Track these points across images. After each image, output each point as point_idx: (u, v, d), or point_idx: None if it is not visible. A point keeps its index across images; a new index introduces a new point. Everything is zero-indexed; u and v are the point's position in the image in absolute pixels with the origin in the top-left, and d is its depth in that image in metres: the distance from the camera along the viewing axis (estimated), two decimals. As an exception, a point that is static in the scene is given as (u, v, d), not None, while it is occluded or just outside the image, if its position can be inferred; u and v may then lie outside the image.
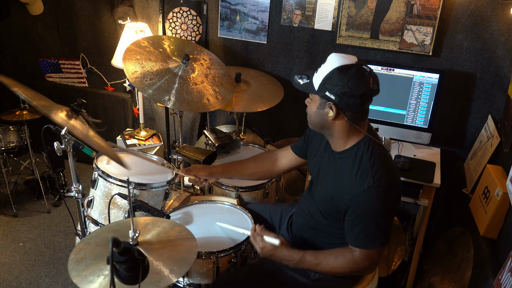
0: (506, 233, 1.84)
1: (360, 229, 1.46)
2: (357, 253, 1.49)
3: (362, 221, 1.45)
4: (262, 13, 2.79)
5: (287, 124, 3.04)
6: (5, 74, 3.57)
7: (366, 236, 1.46)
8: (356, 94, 1.39)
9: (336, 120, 1.47)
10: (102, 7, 3.14)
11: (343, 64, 1.40)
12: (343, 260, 1.50)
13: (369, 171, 1.43)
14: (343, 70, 1.39)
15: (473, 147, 2.52)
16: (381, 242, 1.46)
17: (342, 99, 1.40)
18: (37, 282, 2.45)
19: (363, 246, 1.47)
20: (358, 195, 1.43)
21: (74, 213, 2.26)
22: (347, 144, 1.51)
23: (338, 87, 1.39)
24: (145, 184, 1.86)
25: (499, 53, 2.38)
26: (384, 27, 2.55)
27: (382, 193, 1.42)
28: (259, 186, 2.14)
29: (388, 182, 1.43)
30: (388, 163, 1.49)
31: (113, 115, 3.41)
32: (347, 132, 1.49)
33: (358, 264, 1.49)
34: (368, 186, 1.41)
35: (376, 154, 1.47)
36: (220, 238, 1.81)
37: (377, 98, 2.51)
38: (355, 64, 1.41)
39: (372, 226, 1.44)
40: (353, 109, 1.43)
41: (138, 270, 1.15)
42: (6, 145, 2.86)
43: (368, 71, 1.42)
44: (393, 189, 1.45)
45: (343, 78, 1.39)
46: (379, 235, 1.45)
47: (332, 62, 1.42)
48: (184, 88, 2.21)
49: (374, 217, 1.43)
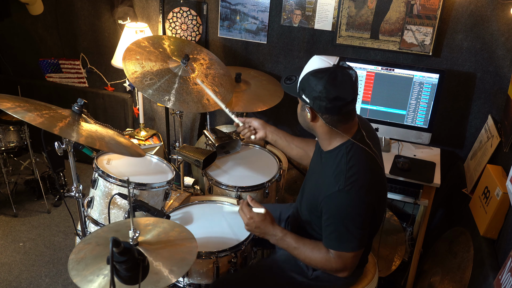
0: (506, 233, 1.84)
1: (331, 230, 1.47)
2: (332, 254, 1.49)
3: (332, 222, 1.46)
4: (262, 13, 2.79)
5: (287, 124, 3.04)
6: (5, 74, 3.58)
7: (336, 238, 1.47)
8: (328, 98, 1.39)
9: (315, 122, 1.50)
10: (102, 7, 3.14)
11: (318, 67, 1.42)
12: (318, 254, 1.52)
13: (344, 174, 1.43)
14: (316, 74, 1.41)
15: (473, 147, 2.52)
16: (353, 246, 1.45)
17: (315, 102, 1.42)
18: (37, 282, 2.45)
19: (334, 248, 1.48)
20: (329, 196, 1.44)
21: (74, 213, 2.26)
22: (332, 145, 1.52)
23: (311, 91, 1.42)
24: (145, 184, 1.86)
25: (499, 53, 2.38)
26: (384, 27, 2.55)
27: (352, 197, 1.41)
28: (259, 186, 2.14)
29: (361, 187, 1.41)
30: (367, 167, 1.47)
31: (113, 115, 3.41)
32: (329, 134, 1.50)
33: (331, 264, 1.50)
34: (338, 188, 1.41)
35: (356, 159, 1.46)
36: (220, 238, 1.81)
37: (377, 98, 2.52)
38: (330, 68, 1.41)
39: (342, 229, 1.44)
40: (328, 112, 1.43)
41: (138, 270, 1.15)
42: (6, 145, 2.86)
43: (348, 73, 1.42)
44: (367, 193, 1.43)
45: (315, 82, 1.40)
46: (350, 239, 1.44)
47: (310, 65, 1.45)
48: (184, 88, 2.21)
49: (344, 220, 1.43)
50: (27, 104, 1.67)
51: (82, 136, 1.64)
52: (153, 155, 2.16)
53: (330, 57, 1.45)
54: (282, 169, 2.29)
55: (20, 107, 1.62)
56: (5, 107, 1.57)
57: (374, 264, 1.82)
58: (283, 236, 1.58)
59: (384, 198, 1.60)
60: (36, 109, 1.65)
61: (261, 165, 2.33)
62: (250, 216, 1.61)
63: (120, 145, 1.80)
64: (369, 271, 1.78)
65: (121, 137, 1.89)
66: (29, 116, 1.58)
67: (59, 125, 1.63)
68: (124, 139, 1.90)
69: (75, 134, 1.64)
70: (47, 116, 1.64)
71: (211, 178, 2.18)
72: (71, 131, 1.65)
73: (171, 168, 2.09)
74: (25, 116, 1.57)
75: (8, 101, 1.63)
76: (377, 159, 1.54)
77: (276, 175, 2.23)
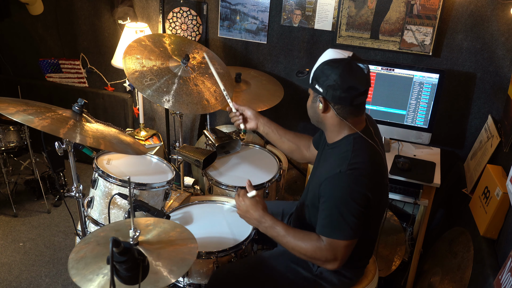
0: (506, 233, 1.84)
1: (325, 215, 1.46)
2: (323, 242, 1.47)
3: (327, 206, 1.45)
4: (262, 13, 2.79)
5: (287, 124, 3.03)
6: (5, 74, 3.58)
7: (329, 224, 1.45)
8: (342, 87, 1.41)
9: (326, 114, 1.51)
10: (102, 7, 3.14)
11: (334, 58, 1.44)
12: (309, 242, 1.49)
13: (348, 159, 1.44)
14: (331, 63, 1.44)
15: (473, 147, 2.52)
16: (345, 234, 1.43)
17: (328, 91, 1.44)
18: (37, 282, 2.45)
19: (326, 234, 1.46)
20: (330, 178, 1.44)
21: (74, 213, 2.27)
22: (338, 137, 1.53)
23: (325, 79, 1.43)
24: (145, 184, 1.86)
25: (499, 53, 2.38)
26: (384, 27, 2.55)
27: (351, 180, 1.41)
28: (259, 186, 2.14)
29: (362, 174, 1.42)
30: (372, 160, 1.48)
31: (113, 115, 3.41)
32: (338, 126, 1.51)
33: (322, 252, 1.47)
34: (340, 170, 1.42)
35: (362, 149, 1.47)
36: (220, 238, 1.81)
37: (377, 98, 2.52)
38: (345, 59, 1.44)
39: (335, 214, 1.43)
40: (340, 102, 1.45)
41: (138, 270, 1.15)
42: (6, 145, 2.86)
43: (361, 67, 1.44)
44: (367, 183, 1.42)
45: (330, 71, 1.42)
46: (343, 226, 1.43)
47: (325, 56, 1.47)
48: (184, 89, 2.21)
49: (339, 204, 1.42)
50: (28, 107, 1.67)
51: (87, 137, 1.64)
52: (153, 155, 2.16)
53: (344, 51, 1.48)
54: (282, 169, 2.29)
55: (22, 111, 1.62)
56: (8, 112, 1.57)
57: (374, 264, 1.82)
58: (272, 224, 1.57)
59: (383, 194, 1.59)
60: (37, 112, 1.65)
61: (261, 165, 2.33)
62: (242, 199, 1.62)
63: (123, 143, 1.80)
64: (369, 271, 1.78)
65: (123, 135, 1.89)
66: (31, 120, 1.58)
67: (64, 129, 1.63)
68: (127, 137, 1.90)
69: (79, 136, 1.64)
70: (50, 119, 1.64)
71: (211, 178, 2.18)
72: (76, 133, 1.65)
73: (171, 168, 2.09)
74: (27, 120, 1.57)
75: (8, 105, 1.63)
76: (383, 156, 1.55)
77: (276, 175, 2.23)
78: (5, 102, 1.65)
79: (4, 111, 1.56)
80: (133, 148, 1.83)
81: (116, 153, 2.06)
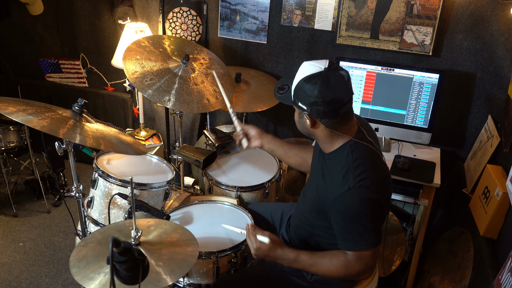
0: (506, 233, 1.84)
1: (347, 231, 1.45)
2: (350, 256, 1.47)
3: (346, 223, 1.44)
4: (262, 13, 2.79)
5: (287, 124, 3.04)
6: (5, 74, 3.58)
7: (353, 238, 1.45)
8: (325, 102, 1.39)
9: (316, 128, 1.49)
10: (102, 7, 3.14)
11: (310, 73, 1.42)
12: (338, 262, 1.49)
13: (352, 172, 1.42)
14: (309, 80, 1.41)
15: (473, 147, 2.52)
16: (371, 243, 1.44)
17: (312, 108, 1.42)
18: (37, 282, 2.45)
19: (352, 249, 1.46)
20: (340, 196, 1.42)
21: (74, 213, 2.27)
22: (334, 146, 1.51)
23: (307, 97, 1.41)
24: (145, 184, 1.86)
25: (499, 53, 2.38)
26: (384, 27, 2.55)
27: (364, 193, 1.40)
28: (259, 186, 2.14)
29: (371, 182, 1.41)
30: (373, 163, 1.48)
31: (113, 115, 3.41)
32: (330, 137, 1.50)
33: (353, 267, 1.47)
34: (349, 187, 1.40)
35: (360, 156, 1.46)
36: (220, 238, 1.81)
37: (377, 98, 2.52)
38: (322, 72, 1.41)
39: (357, 228, 1.43)
40: (327, 116, 1.43)
41: (138, 270, 1.15)
42: (6, 145, 2.86)
43: (340, 75, 1.42)
44: (376, 189, 1.43)
45: (310, 88, 1.40)
46: (367, 237, 1.43)
47: (301, 72, 1.45)
48: (184, 88, 2.21)
49: (358, 218, 1.42)
50: (28, 107, 1.67)
51: (87, 137, 1.64)
52: (153, 155, 2.16)
53: (320, 61, 1.45)
54: (282, 169, 2.30)
55: (21, 111, 1.62)
56: (7, 112, 1.57)
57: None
58: (295, 257, 1.53)
59: (390, 194, 1.59)
60: (37, 112, 1.65)
61: (261, 165, 2.33)
62: (258, 247, 1.56)
63: (123, 143, 1.80)
64: (369, 271, 1.78)
65: (123, 135, 1.89)
66: (30, 120, 1.57)
67: (64, 129, 1.63)
68: (127, 137, 1.90)
69: (79, 136, 1.64)
70: (50, 119, 1.64)
71: (211, 178, 2.18)
72: (76, 133, 1.64)
73: (171, 168, 2.09)
74: (27, 120, 1.57)
75: (8, 105, 1.63)
76: (379, 154, 1.55)
77: (276, 175, 2.23)
78: (5, 102, 1.65)
79: (4, 111, 1.56)
80: (133, 148, 1.83)
81: (116, 153, 2.06)
